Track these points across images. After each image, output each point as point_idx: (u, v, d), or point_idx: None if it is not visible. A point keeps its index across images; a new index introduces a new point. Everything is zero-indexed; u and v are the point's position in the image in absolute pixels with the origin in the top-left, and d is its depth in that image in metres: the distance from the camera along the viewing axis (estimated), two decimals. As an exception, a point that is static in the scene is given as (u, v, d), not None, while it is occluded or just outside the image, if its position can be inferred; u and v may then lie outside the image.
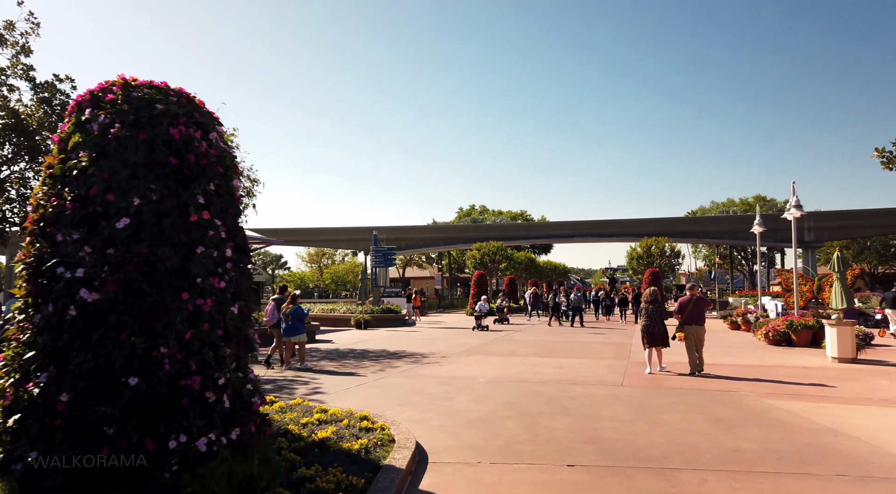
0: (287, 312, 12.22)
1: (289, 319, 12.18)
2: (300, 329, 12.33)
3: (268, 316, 12.93)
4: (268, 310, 13.01)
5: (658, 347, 11.76)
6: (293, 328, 12.22)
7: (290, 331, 12.26)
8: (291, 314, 12.20)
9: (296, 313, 12.26)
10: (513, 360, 13.67)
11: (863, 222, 40.84)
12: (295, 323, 12.19)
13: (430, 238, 50.77)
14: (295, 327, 12.21)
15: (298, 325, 12.26)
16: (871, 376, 11.05)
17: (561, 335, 20.48)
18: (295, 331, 12.26)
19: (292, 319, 12.19)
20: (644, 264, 36.18)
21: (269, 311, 12.93)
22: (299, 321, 12.29)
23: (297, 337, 12.32)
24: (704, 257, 75.37)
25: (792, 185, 17.92)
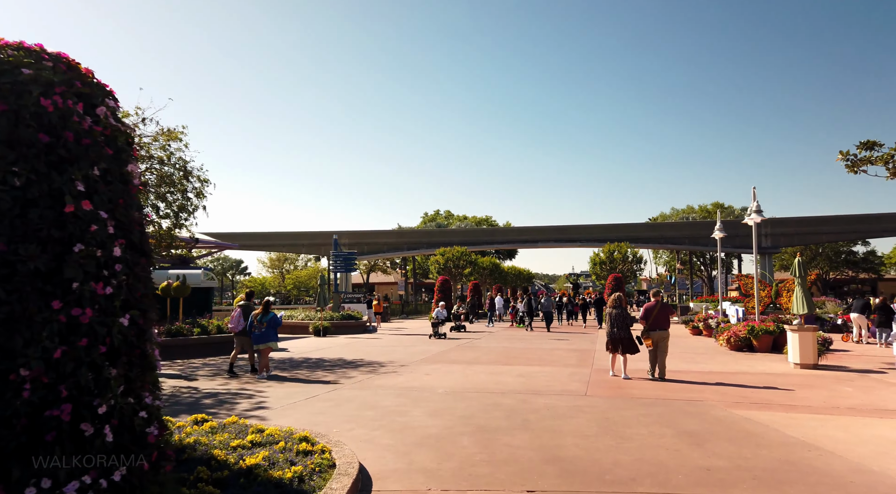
0: (262, 318, 11.95)
1: (263, 325, 11.91)
2: (273, 336, 12.06)
3: (233, 323, 12.51)
4: (233, 316, 12.61)
5: (623, 353, 11.68)
6: (266, 334, 11.93)
7: (263, 338, 11.93)
8: (268, 321, 11.94)
9: (272, 320, 12.02)
10: (474, 368, 13.13)
11: (817, 229, 41.93)
12: (269, 330, 11.95)
13: (393, 243, 50.00)
14: (268, 334, 11.95)
15: (272, 332, 12.01)
16: (834, 383, 10.89)
17: (524, 342, 20.07)
18: (267, 338, 11.96)
19: (268, 325, 11.94)
20: (607, 270, 36.23)
21: (234, 318, 12.54)
22: (273, 329, 12.06)
23: (268, 344, 12.02)
24: (665, 262, 76.63)
25: (752, 190, 17.92)
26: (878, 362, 14.24)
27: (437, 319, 22.00)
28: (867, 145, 8.90)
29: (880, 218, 40.69)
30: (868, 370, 12.79)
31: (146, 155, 16.09)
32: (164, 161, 16.60)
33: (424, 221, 78.21)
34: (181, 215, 16.77)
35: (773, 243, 41.29)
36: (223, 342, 17.21)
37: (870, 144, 8.85)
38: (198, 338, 16.65)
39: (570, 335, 23.17)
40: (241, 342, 12.55)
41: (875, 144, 8.82)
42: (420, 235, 53.00)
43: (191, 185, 17.10)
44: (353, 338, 22.50)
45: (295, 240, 49.90)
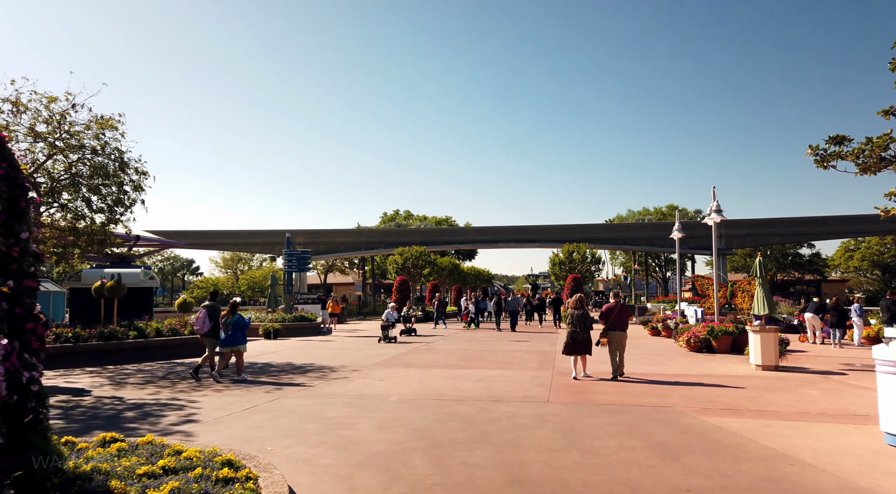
0: (228, 321, 11.56)
1: (229, 328, 11.53)
2: (241, 339, 11.67)
3: (198, 324, 12.01)
4: (198, 317, 12.11)
5: (582, 354, 11.66)
6: (234, 337, 11.56)
7: (230, 341, 11.55)
8: (233, 324, 11.55)
9: (238, 322, 11.62)
10: (431, 373, 12.44)
11: (768, 231, 42.97)
12: (235, 333, 11.56)
13: (350, 242, 48.81)
14: (235, 336, 11.56)
15: (240, 334, 11.63)
16: (797, 385, 10.65)
17: (483, 344, 19.50)
18: (234, 341, 11.56)
19: (234, 328, 11.55)
20: (566, 270, 36.13)
21: (199, 318, 12.04)
22: (241, 331, 11.67)
23: (237, 346, 11.62)
24: (621, 263, 77.77)
25: (712, 189, 17.81)
26: (835, 363, 14.23)
27: (386, 321, 20.79)
28: (836, 140, 8.61)
29: (827, 220, 42.01)
30: (828, 371, 12.68)
31: (77, 144, 14.80)
32: (98, 151, 15.31)
33: (384, 221, 77.16)
34: (116, 209, 15.51)
35: (727, 245, 42.05)
36: (163, 347, 16.04)
37: (839, 139, 8.57)
38: (134, 342, 15.45)
39: (529, 336, 22.75)
40: (209, 344, 12.02)
41: (844, 138, 8.54)
42: (378, 234, 51.98)
43: (127, 177, 15.83)
44: (306, 341, 21.50)
45: (247, 239, 48.13)
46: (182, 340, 16.51)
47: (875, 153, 8.26)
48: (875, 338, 19.07)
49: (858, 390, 10.09)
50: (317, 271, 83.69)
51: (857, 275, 73.78)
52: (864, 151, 8.26)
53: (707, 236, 44.67)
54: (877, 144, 8.17)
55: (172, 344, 16.28)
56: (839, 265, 74.34)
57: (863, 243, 71.06)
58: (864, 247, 71.27)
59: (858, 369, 13.00)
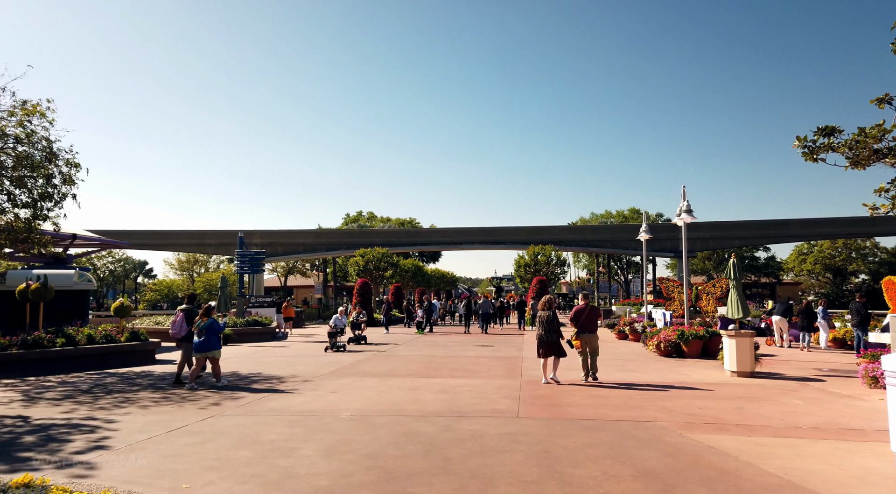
0: (202, 325, 11.09)
1: (203, 333, 11.06)
2: (214, 344, 11.19)
3: (174, 328, 11.60)
4: (175, 321, 11.71)
5: (554, 357, 11.33)
6: (207, 342, 11.08)
7: (203, 346, 11.06)
8: (206, 328, 11.09)
9: (211, 326, 11.15)
10: (390, 383, 11.43)
11: (729, 233, 43.38)
12: (209, 337, 11.10)
13: (310, 243, 47.19)
14: (209, 341, 11.10)
15: (213, 339, 11.17)
16: (779, 394, 10.06)
17: (446, 349, 18.57)
18: (208, 346, 11.09)
19: (207, 332, 11.07)
20: (531, 272, 35.57)
21: (176, 322, 11.64)
22: (214, 336, 11.20)
23: (210, 353, 11.16)
24: (584, 266, 78.10)
25: (682, 189, 17.31)
26: (809, 368, 13.81)
27: (334, 327, 18.48)
28: (825, 131, 7.99)
29: (787, 223, 42.67)
30: (805, 377, 12.20)
31: (-3, 131, 13.28)
32: (23, 140, 13.77)
33: (346, 222, 75.56)
34: (44, 204, 13.98)
35: (690, 248, 42.16)
36: (95, 355, 14.55)
37: (828, 130, 7.95)
38: (61, 350, 13.94)
39: (494, 340, 21.94)
40: (185, 349, 11.61)
41: (835, 129, 7.93)
42: (339, 235, 50.44)
43: (57, 169, 14.30)
44: (258, 347, 20.17)
45: (201, 239, 45.99)
46: (117, 347, 15.06)
47: (868, 145, 7.66)
48: (843, 341, 18.92)
49: (843, 399, 9.54)
50: (277, 274, 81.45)
51: (810, 278, 75.76)
52: (857, 142, 7.64)
53: (670, 239, 44.98)
54: (870, 134, 7.57)
55: (105, 352, 14.81)
56: (793, 269, 76.30)
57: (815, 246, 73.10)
58: (816, 251, 73.28)
59: (834, 374, 12.57)
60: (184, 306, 12.09)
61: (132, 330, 16.32)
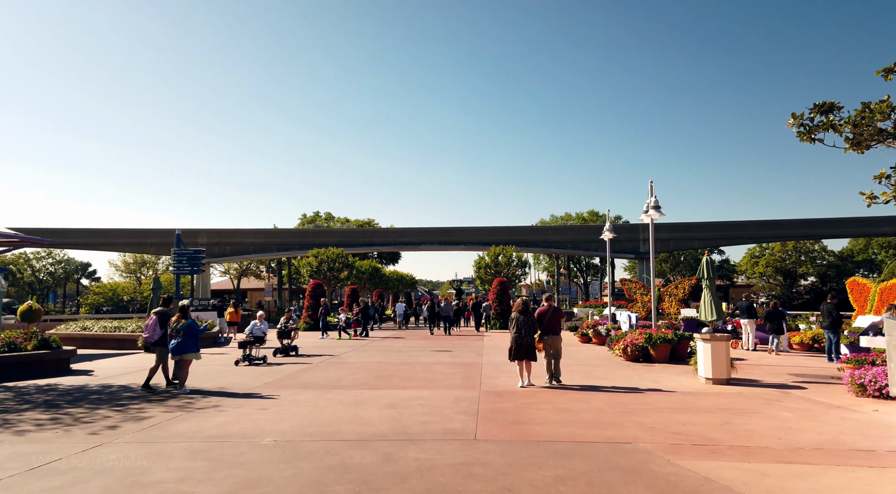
0: (179, 326, 10.65)
1: (180, 334, 10.61)
2: (192, 347, 10.72)
3: (148, 332, 11.06)
4: (148, 324, 11.13)
5: (528, 360, 11.08)
6: (184, 344, 10.61)
7: (181, 348, 10.58)
8: (184, 329, 10.64)
9: (189, 328, 10.71)
10: (332, 396, 10.02)
11: (690, 235, 43.39)
12: (187, 340, 10.65)
13: (261, 243, 44.97)
14: (186, 343, 10.63)
15: (191, 342, 10.71)
16: (764, 405, 9.09)
17: (402, 355, 17.19)
18: (185, 348, 10.62)
19: (185, 334, 10.62)
20: (492, 274, 34.51)
21: (150, 325, 11.07)
22: (192, 338, 10.74)
23: (188, 355, 10.69)
24: (544, 268, 77.81)
25: (650, 184, 16.44)
26: (784, 373, 13.02)
27: (250, 336, 15.78)
28: (822, 108, 7.00)
29: (745, 225, 42.96)
30: (783, 384, 11.34)
31: None
32: None
33: (303, 222, 73.19)
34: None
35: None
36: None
37: (826, 107, 6.97)
38: (-52, 360, 11.99)
39: (453, 344, 20.69)
40: (159, 354, 11.10)
41: (833, 106, 6.97)
42: (292, 235, 48.22)
43: None
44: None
45: (142, 239, 43.18)
46: (19, 357, 13.18)
47: (874, 123, 6.71)
48: (809, 344, 18.40)
49: (834, 410, 8.61)
50: (230, 276, 78.38)
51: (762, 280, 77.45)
52: (862, 118, 6.67)
53: (630, 240, 44.72)
54: (877, 110, 6.61)
55: (5, 363, 12.89)
56: (745, 271, 77.92)
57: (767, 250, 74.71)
58: (768, 254, 74.92)
59: (813, 380, 11.77)
60: (158, 308, 11.43)
61: (42, 337, 14.40)
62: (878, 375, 9.30)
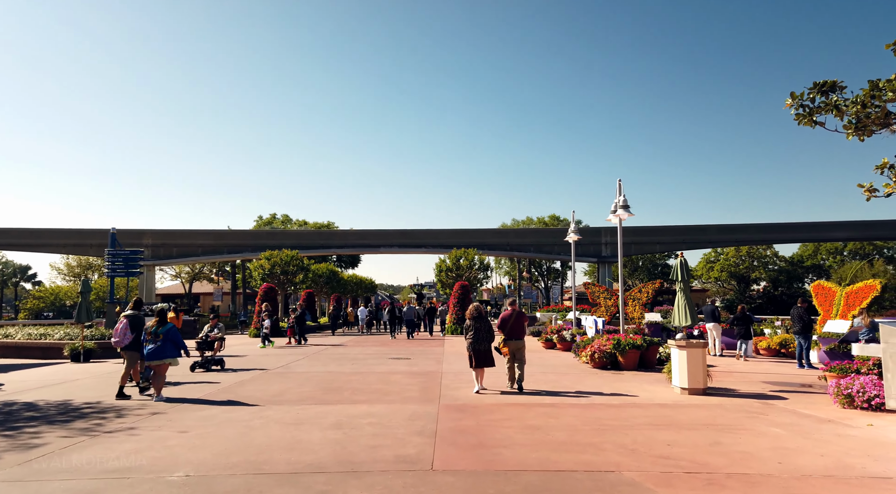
0: (158, 330, 10.29)
1: (159, 338, 10.24)
2: (170, 352, 10.33)
3: (117, 336, 10.58)
4: (118, 329, 10.65)
5: (484, 367, 10.85)
6: (163, 349, 10.22)
7: (160, 353, 10.17)
8: (164, 333, 10.29)
9: (169, 332, 10.35)
10: (270, 413, 8.79)
11: (652, 239, 43.40)
12: (165, 344, 10.27)
13: (211, 245, 42.80)
14: (164, 348, 10.26)
15: (169, 346, 10.33)
16: (748, 419, 8.31)
17: (356, 364, 15.97)
18: (162, 353, 10.21)
19: (164, 338, 10.26)
20: (453, 277, 33.54)
21: (119, 330, 10.60)
22: (171, 343, 10.37)
23: (168, 360, 10.30)
24: (506, 272, 77.45)
25: (618, 183, 15.76)
26: (757, 381, 12.40)
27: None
28: (823, 88, 6.21)
29: (706, 229, 43.23)
30: (761, 393, 10.65)
31: None
32: None
33: (259, 225, 70.77)
34: None
35: (613, 253, 41.80)
36: None
37: (827, 86, 6.19)
38: None
39: (412, 350, 19.57)
40: (129, 359, 10.71)
41: (836, 85, 6.19)
42: (244, 236, 46.09)
43: None
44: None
45: (82, 239, 40.40)
46: None
47: (883, 104, 5.95)
48: (776, 349, 18.01)
49: (826, 425, 7.87)
50: (181, 280, 75.19)
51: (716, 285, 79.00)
52: (872, 97, 5.90)
53: (592, 243, 44.44)
54: (889, 88, 5.85)
55: None
56: (701, 276, 79.36)
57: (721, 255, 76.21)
58: (722, 259, 76.43)
59: (792, 390, 11.14)
60: (128, 312, 11.00)
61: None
62: (867, 385, 8.64)
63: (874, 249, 79.98)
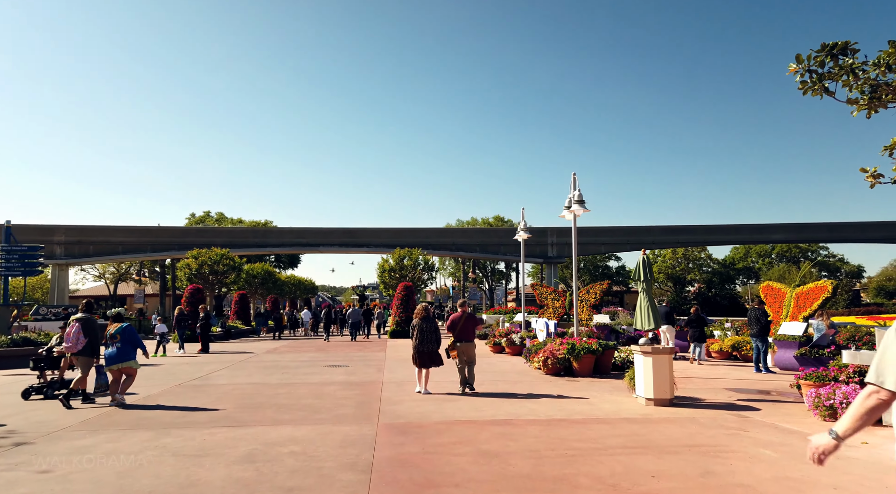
0: (113, 332, 9.78)
1: (116, 340, 9.74)
2: (130, 354, 9.87)
3: (70, 341, 9.88)
4: (69, 333, 9.97)
5: (429, 368, 10.78)
6: (123, 352, 9.75)
7: (119, 356, 9.72)
8: (120, 333, 9.79)
9: (126, 332, 9.84)
10: (169, 440, 7.18)
11: (598, 239, 43.30)
12: (125, 346, 9.78)
13: (133, 243, 39.57)
14: (124, 351, 9.76)
15: (128, 348, 9.83)
16: (731, 439, 7.34)
17: (286, 373, 14.34)
18: (125, 356, 9.76)
19: (121, 340, 9.75)
20: (397, 278, 32.12)
21: (71, 334, 9.90)
22: (129, 344, 9.86)
23: (127, 363, 9.83)
24: (450, 273, 76.53)
25: (573, 176, 14.84)
26: (720, 388, 11.64)
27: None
28: (832, 50, 5.23)
29: (651, 230, 43.53)
30: (731, 404, 9.82)
31: None
32: None
33: (190, 223, 66.96)
34: None
35: (559, 253, 41.43)
36: None
37: (839, 48, 5.21)
38: None
39: (351, 356, 18.05)
40: (83, 365, 10.02)
41: (847, 47, 5.21)
42: (171, 234, 42.87)
43: None
44: (19, 375, 14.42)
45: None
46: None
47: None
48: (728, 352, 17.54)
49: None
50: (105, 281, 70.24)
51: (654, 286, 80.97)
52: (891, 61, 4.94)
53: (538, 244, 43.94)
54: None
55: None
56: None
57: (659, 257, 77.98)
58: (660, 261, 78.20)
59: (759, 398, 10.40)
60: (79, 315, 10.44)
61: None
62: (850, 395, 7.85)
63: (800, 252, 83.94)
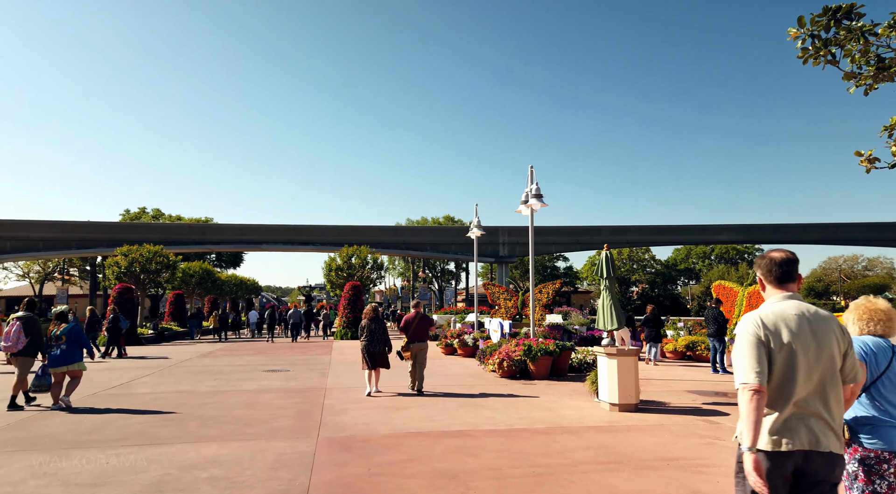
0: (59, 332, 9.36)
1: (62, 341, 9.33)
2: (77, 356, 9.44)
3: (8, 341, 9.33)
4: (9, 332, 9.41)
5: (378, 368, 10.70)
6: (69, 353, 9.34)
7: (65, 358, 9.30)
8: (66, 334, 9.36)
9: (72, 332, 9.39)
10: (63, 465, 6.00)
11: (548, 239, 43.16)
12: (71, 348, 9.36)
13: (55, 239, 36.61)
14: (70, 352, 9.35)
15: (75, 349, 9.40)
16: (708, 448, 6.75)
17: (219, 378, 13.06)
18: (70, 358, 9.33)
19: (67, 341, 9.34)
20: (344, 277, 30.87)
21: (11, 333, 9.36)
22: (76, 345, 9.43)
23: (74, 366, 9.38)
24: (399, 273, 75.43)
25: (530, 169, 14.18)
26: (682, 390, 11.19)
27: None
28: (836, 13, 4.62)
29: (600, 230, 43.74)
30: (697, 408, 9.32)
31: None
32: None
33: (125, 219, 63.25)
34: None
35: (510, 253, 41.06)
36: None
37: (843, 12, 4.62)
38: None
39: (293, 360, 16.83)
40: (22, 366, 9.31)
41: (853, 10, 4.62)
42: (98, 229, 39.77)
43: None
44: None
45: None
46: None
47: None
48: (682, 352, 17.29)
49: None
50: (30, 280, 65.54)
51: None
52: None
53: (490, 243, 43.49)
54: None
55: None
56: (586, 278, 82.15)
57: (606, 257, 79.16)
58: (606, 261, 79.36)
59: (724, 401, 9.97)
60: (20, 313, 10.03)
61: None
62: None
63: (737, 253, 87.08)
